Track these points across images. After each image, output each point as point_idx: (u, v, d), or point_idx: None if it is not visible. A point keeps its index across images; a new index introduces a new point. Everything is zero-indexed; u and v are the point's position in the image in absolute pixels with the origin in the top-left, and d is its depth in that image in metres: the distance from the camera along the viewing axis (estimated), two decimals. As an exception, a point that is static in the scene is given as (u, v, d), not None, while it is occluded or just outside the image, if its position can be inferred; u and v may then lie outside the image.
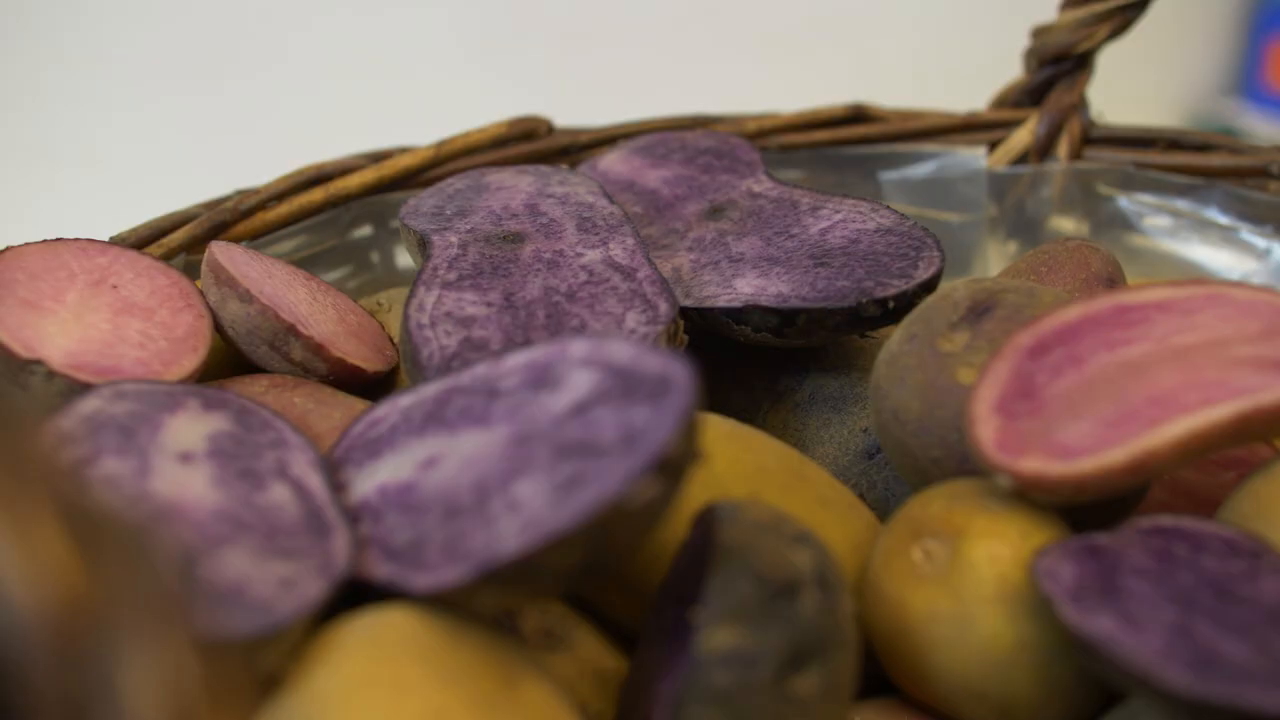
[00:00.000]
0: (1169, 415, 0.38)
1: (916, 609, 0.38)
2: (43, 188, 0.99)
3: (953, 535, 0.38)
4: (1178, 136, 0.62)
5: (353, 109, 1.02)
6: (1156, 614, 0.34)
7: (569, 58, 1.14)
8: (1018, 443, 0.38)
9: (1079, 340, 0.40)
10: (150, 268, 0.48)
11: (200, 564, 0.33)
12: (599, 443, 0.33)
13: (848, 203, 0.52)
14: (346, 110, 1.02)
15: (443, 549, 0.34)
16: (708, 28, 1.18)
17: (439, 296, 0.46)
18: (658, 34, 1.16)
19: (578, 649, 0.41)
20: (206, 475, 0.37)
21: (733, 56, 1.16)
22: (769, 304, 0.47)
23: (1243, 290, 0.41)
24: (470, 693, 0.32)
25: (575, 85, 0.97)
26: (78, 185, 1.00)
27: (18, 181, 0.99)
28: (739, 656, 0.33)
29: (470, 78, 1.10)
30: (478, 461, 0.36)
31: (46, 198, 0.98)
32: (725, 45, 1.17)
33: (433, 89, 1.01)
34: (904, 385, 0.43)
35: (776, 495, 0.41)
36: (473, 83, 1.03)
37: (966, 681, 0.37)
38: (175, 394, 0.41)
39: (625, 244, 0.49)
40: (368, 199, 0.60)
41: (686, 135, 0.60)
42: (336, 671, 0.32)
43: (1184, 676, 0.32)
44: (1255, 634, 0.33)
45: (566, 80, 1.04)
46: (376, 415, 0.41)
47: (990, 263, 0.64)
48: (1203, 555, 0.36)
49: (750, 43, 1.18)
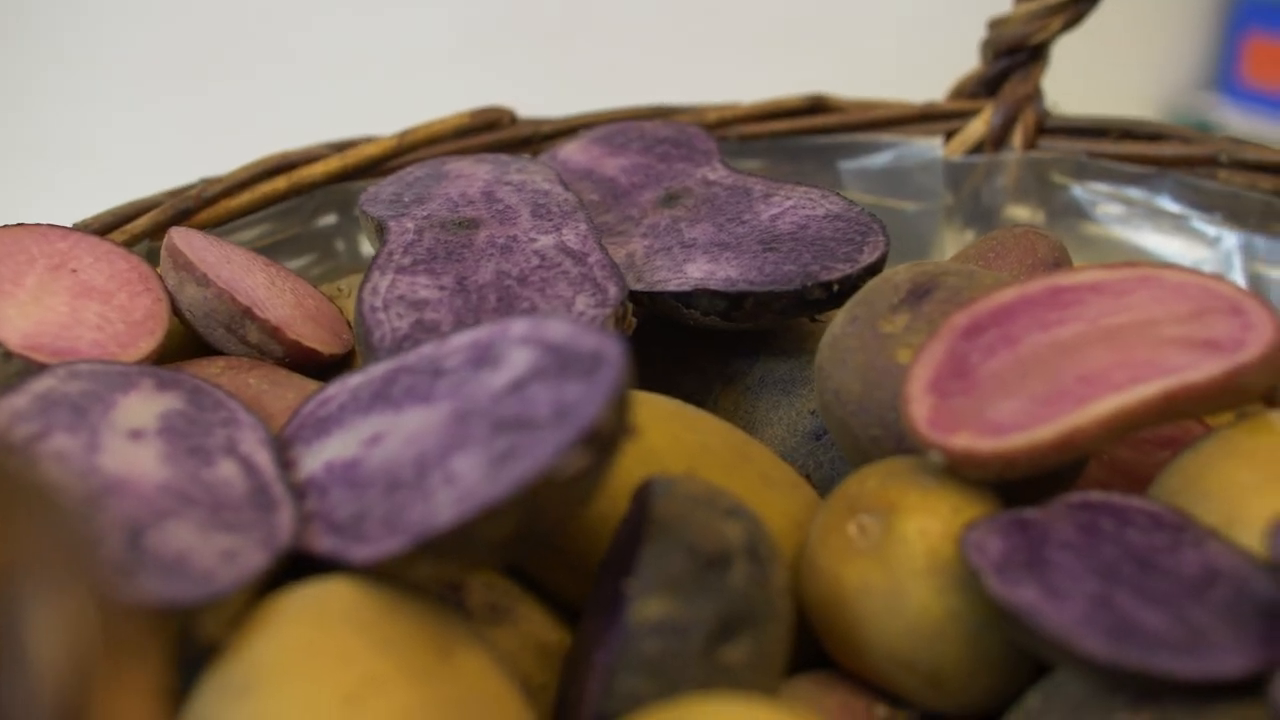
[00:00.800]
0: (1098, 393, 0.39)
1: (850, 582, 0.38)
2: (41, 186, 1.00)
3: (886, 510, 0.39)
4: (1130, 126, 0.63)
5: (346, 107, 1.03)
6: (1079, 585, 0.35)
7: (542, 54, 1.15)
8: (950, 420, 0.39)
9: (1014, 321, 0.41)
10: (110, 252, 0.49)
11: (144, 535, 0.34)
12: (534, 417, 0.34)
13: (799, 190, 0.53)
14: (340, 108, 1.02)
15: (383, 522, 0.35)
16: (674, 24, 1.19)
17: (393, 280, 0.47)
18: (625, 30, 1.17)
19: (522, 623, 0.41)
20: (155, 451, 0.38)
21: (697, 50, 1.17)
22: (717, 287, 0.48)
23: (1174, 272, 0.41)
24: (407, 661, 0.33)
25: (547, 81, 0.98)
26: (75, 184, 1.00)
27: (15, 180, 0.99)
28: (670, 626, 0.34)
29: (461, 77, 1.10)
30: (420, 438, 0.37)
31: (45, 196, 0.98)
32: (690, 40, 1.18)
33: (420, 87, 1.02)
34: (845, 366, 0.44)
35: (719, 474, 0.42)
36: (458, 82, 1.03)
37: (896, 652, 0.38)
38: (129, 374, 0.42)
39: (578, 229, 0.50)
40: (332, 187, 0.61)
41: (645, 125, 0.61)
42: (275, 639, 0.33)
43: (1101, 644, 0.33)
44: (1173, 604, 0.34)
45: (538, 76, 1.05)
46: (326, 395, 0.42)
47: (947, 251, 0.65)
48: (1128, 529, 0.37)
49: (715, 36, 1.19)
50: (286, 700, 0.31)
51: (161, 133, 1.05)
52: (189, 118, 1.05)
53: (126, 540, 0.34)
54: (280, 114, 0.85)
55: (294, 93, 1.05)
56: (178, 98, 1.06)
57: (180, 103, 1.06)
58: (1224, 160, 0.60)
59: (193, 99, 1.06)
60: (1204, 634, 0.33)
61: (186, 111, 1.06)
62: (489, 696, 0.34)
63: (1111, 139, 0.63)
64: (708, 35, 1.19)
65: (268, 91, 1.06)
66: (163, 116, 1.06)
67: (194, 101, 1.06)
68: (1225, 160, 0.60)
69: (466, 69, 1.11)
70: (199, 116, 1.05)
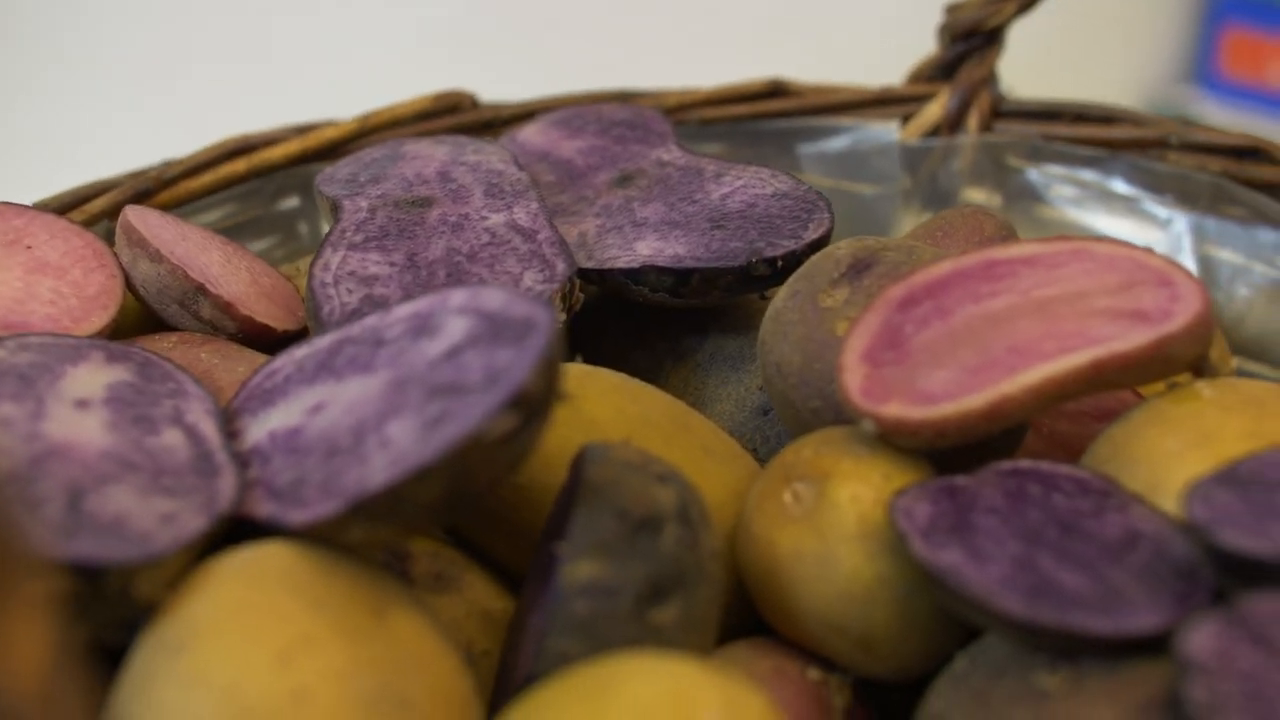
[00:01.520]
0: (1027, 363, 0.39)
1: (783, 548, 0.39)
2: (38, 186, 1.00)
3: (820, 478, 0.39)
4: (1083, 109, 0.63)
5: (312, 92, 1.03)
6: (1002, 548, 0.36)
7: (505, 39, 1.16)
8: (882, 390, 0.40)
9: (948, 293, 0.42)
10: (66, 230, 0.49)
11: (84, 499, 0.35)
12: (466, 383, 0.35)
13: (750, 170, 0.53)
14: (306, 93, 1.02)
15: (320, 487, 0.36)
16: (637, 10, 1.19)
17: (344, 257, 0.48)
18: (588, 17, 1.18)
19: (467, 591, 0.42)
20: (100, 420, 0.38)
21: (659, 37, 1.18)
22: (664, 264, 0.48)
23: (1106, 246, 0.42)
24: (340, 621, 0.34)
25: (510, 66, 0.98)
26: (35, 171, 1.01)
27: (13, 177, 1.00)
28: (599, 587, 0.35)
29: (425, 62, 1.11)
30: (359, 405, 0.37)
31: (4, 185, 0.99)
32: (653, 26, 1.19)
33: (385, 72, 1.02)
34: (786, 340, 0.44)
35: (659, 444, 0.42)
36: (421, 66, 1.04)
37: (828, 617, 0.38)
38: (80, 347, 0.42)
39: (529, 208, 0.51)
40: (294, 170, 0.62)
41: (603, 108, 0.61)
42: (210, 598, 0.33)
43: (1019, 603, 0.34)
44: (1093, 565, 0.35)
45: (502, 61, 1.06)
46: (274, 367, 0.42)
47: (904, 233, 0.66)
48: (1054, 495, 0.38)
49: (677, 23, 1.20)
50: (220, 656, 0.32)
51: (125, 119, 1.05)
52: (154, 104, 1.06)
53: (66, 503, 0.34)
54: (246, 99, 0.85)
55: (261, 78, 1.06)
56: (142, 84, 1.06)
57: (145, 89, 1.06)
58: (1174, 142, 0.61)
59: (158, 84, 1.06)
60: (1121, 593, 0.34)
61: (151, 97, 1.06)
62: (423, 656, 0.35)
63: (1065, 122, 0.64)
64: (670, 22, 1.20)
65: (234, 77, 1.06)
66: (127, 103, 1.06)
67: (159, 87, 1.06)
68: (1175, 143, 0.61)
69: (431, 54, 1.12)
70: (164, 102, 1.06)
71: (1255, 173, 0.59)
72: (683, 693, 0.31)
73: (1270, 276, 0.59)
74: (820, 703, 0.39)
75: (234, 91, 1.00)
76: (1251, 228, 0.59)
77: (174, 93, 1.06)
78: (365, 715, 0.32)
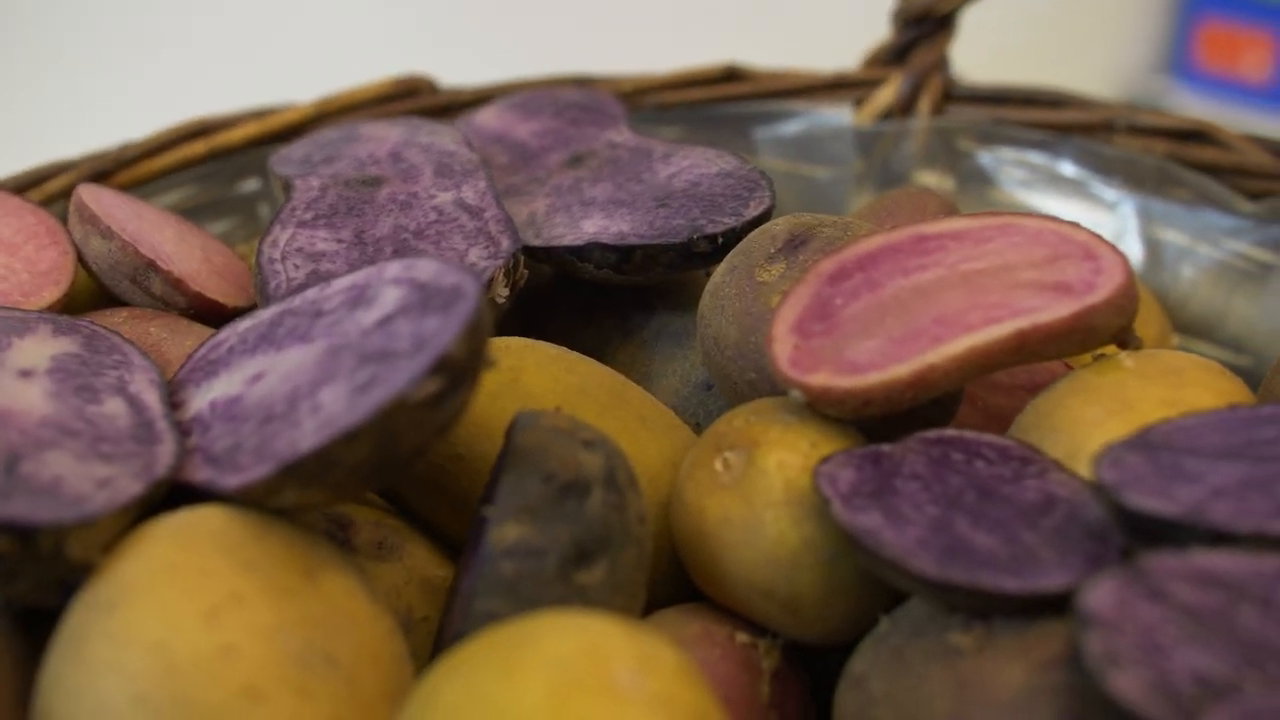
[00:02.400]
0: (953, 334, 0.40)
1: (712, 514, 0.40)
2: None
3: (749, 446, 0.40)
4: (1032, 93, 0.64)
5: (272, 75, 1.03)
6: (920, 512, 0.37)
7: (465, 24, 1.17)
8: (810, 360, 0.41)
9: (877, 267, 0.43)
10: (19, 207, 0.50)
11: (21, 463, 0.35)
12: (395, 349, 0.36)
13: (697, 150, 0.54)
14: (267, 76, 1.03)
15: (254, 451, 0.36)
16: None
17: (293, 234, 0.49)
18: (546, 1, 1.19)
19: (408, 559, 0.43)
20: (42, 389, 0.39)
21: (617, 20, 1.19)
22: (608, 241, 0.49)
23: (1033, 220, 0.43)
24: (269, 580, 0.35)
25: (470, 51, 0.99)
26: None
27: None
28: (526, 549, 0.36)
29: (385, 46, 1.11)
30: (295, 374, 0.38)
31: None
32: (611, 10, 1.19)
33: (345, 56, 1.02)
34: (723, 313, 0.45)
35: (595, 414, 0.43)
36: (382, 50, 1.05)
37: (755, 580, 0.39)
38: (27, 319, 0.43)
39: (477, 187, 0.52)
40: (254, 152, 0.63)
41: (558, 91, 0.62)
42: (142, 559, 0.34)
43: (932, 563, 0.35)
44: (1007, 528, 0.36)
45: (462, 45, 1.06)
46: (219, 339, 0.43)
47: (857, 216, 0.67)
48: (976, 461, 0.39)
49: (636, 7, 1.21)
50: (149, 614, 0.33)
51: (85, 102, 1.05)
52: (114, 87, 1.06)
53: (2, 467, 0.35)
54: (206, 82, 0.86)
55: (220, 61, 1.06)
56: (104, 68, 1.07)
57: (106, 72, 1.07)
58: (1120, 126, 0.62)
59: (119, 68, 1.06)
60: (1033, 554, 0.35)
61: (112, 81, 1.06)
62: (353, 617, 0.36)
63: (1014, 105, 0.65)
64: (629, 7, 1.21)
65: (194, 60, 1.07)
66: (88, 87, 1.07)
67: (120, 70, 1.07)
68: (1122, 126, 0.62)
69: (390, 38, 1.12)
70: (125, 85, 1.06)
71: (1199, 155, 0.60)
72: (598, 647, 0.31)
73: (1214, 257, 0.60)
74: (748, 665, 0.40)
75: (194, 75, 1.00)
76: (1196, 209, 0.60)
77: (139, 76, 1.07)
78: (292, 672, 0.33)
